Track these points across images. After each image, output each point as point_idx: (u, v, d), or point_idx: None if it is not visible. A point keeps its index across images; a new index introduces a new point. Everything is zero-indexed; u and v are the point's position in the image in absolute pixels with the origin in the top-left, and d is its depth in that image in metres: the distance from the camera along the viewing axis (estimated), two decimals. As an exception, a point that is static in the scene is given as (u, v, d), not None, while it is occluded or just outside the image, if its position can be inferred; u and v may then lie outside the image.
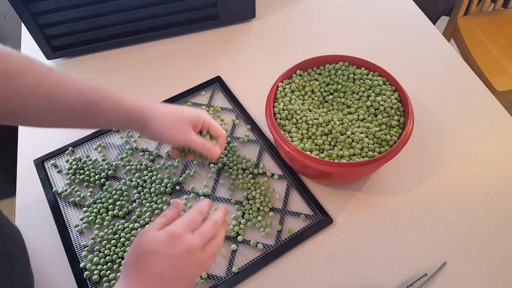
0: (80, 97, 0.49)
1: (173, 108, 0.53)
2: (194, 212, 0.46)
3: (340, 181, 0.62)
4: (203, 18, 0.84)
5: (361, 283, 0.54)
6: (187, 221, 0.45)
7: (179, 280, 0.43)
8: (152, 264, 0.42)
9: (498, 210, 0.60)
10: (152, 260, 0.42)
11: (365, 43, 0.83)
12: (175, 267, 0.42)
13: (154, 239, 0.43)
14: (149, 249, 0.42)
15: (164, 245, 0.42)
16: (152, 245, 0.42)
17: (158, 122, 0.52)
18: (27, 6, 0.72)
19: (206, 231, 0.46)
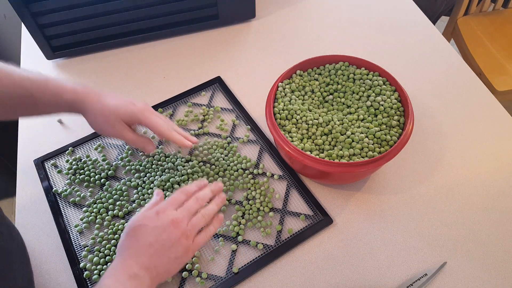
0: (18, 91, 0.51)
1: (108, 105, 0.55)
2: (178, 192, 0.51)
3: (340, 181, 0.62)
4: (203, 18, 0.84)
5: (361, 283, 0.54)
6: (171, 200, 0.50)
7: (169, 249, 0.46)
8: (141, 237, 0.46)
9: (498, 210, 0.60)
10: (140, 233, 0.47)
11: (365, 43, 0.83)
12: (163, 237, 0.46)
13: (142, 217, 0.48)
14: (138, 224, 0.47)
15: (151, 219, 0.47)
16: (140, 221, 0.48)
17: (91, 118, 0.56)
18: (27, 6, 0.72)
19: (189, 205, 0.50)
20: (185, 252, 0.48)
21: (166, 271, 0.47)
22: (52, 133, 0.72)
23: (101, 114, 0.55)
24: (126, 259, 0.46)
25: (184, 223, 0.49)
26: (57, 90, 0.53)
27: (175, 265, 0.48)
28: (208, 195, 0.53)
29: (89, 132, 0.70)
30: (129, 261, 0.45)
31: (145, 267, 0.45)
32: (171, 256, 0.47)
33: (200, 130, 0.70)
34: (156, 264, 0.46)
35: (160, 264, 0.46)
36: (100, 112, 0.55)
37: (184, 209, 0.50)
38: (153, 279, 0.46)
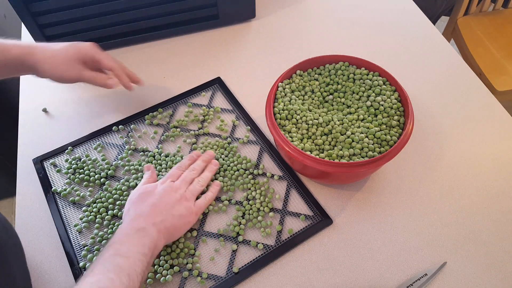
0: None
1: (60, 49, 0.57)
2: (173, 168, 0.59)
3: (340, 181, 0.62)
4: (203, 18, 0.84)
5: (361, 283, 0.54)
6: (168, 175, 0.58)
7: (172, 208, 0.53)
8: (146, 200, 0.53)
9: (498, 210, 0.60)
10: (144, 197, 0.53)
11: (365, 43, 0.83)
12: (165, 198, 0.53)
13: (143, 187, 0.55)
14: (141, 192, 0.54)
15: (152, 187, 0.55)
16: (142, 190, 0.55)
17: (45, 67, 0.57)
18: (27, 6, 0.72)
19: (184, 176, 0.58)
20: (187, 211, 0.54)
21: (173, 226, 0.52)
22: (52, 132, 0.72)
23: (54, 60, 0.57)
24: (132, 218, 0.50)
25: (182, 189, 0.55)
26: (3, 47, 0.55)
27: (181, 222, 0.53)
28: (201, 165, 0.60)
29: (89, 131, 0.70)
30: (136, 218, 0.50)
31: (151, 222, 0.50)
32: (175, 214, 0.52)
33: (200, 131, 0.70)
34: (162, 220, 0.51)
35: (165, 220, 0.51)
36: (52, 57, 0.57)
37: (181, 180, 0.57)
38: (160, 232, 0.50)
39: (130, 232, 0.48)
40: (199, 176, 0.59)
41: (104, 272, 0.43)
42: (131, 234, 0.48)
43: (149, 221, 0.50)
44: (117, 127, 0.71)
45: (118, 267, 0.43)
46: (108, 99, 0.76)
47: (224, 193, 0.63)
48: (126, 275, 0.43)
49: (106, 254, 0.45)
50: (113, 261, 0.44)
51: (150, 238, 0.48)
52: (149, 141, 0.69)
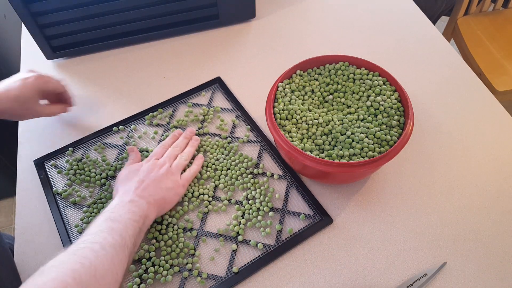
0: None
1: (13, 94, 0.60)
2: (157, 148, 0.63)
3: (340, 181, 0.62)
4: (203, 18, 0.84)
5: (361, 283, 0.54)
6: (152, 154, 0.62)
7: (159, 182, 0.55)
8: (132, 178, 0.56)
9: (498, 210, 0.60)
10: (131, 175, 0.56)
11: (365, 43, 0.83)
12: (151, 174, 0.56)
13: (129, 167, 0.58)
14: (127, 171, 0.57)
15: (138, 166, 0.58)
16: (130, 168, 0.58)
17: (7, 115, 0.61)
18: (27, 6, 0.72)
19: (168, 153, 0.61)
20: (175, 183, 0.57)
21: (162, 198, 0.55)
22: (52, 133, 0.72)
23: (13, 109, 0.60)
24: (122, 194, 0.53)
25: (167, 165, 0.58)
26: None
27: (169, 194, 0.56)
28: (183, 142, 0.64)
29: (89, 132, 0.70)
30: (125, 194, 0.53)
31: (140, 195, 0.52)
32: (163, 187, 0.55)
33: (200, 130, 0.70)
34: (151, 193, 0.53)
35: (154, 193, 0.54)
36: (11, 109, 0.60)
37: (165, 157, 0.60)
38: (150, 204, 0.52)
39: (121, 204, 0.51)
40: (182, 152, 0.62)
41: (97, 232, 0.46)
42: (122, 205, 0.50)
43: (138, 194, 0.52)
44: (117, 128, 0.71)
45: (111, 228, 0.46)
46: (108, 99, 0.76)
47: (224, 193, 0.63)
48: (119, 234, 0.46)
49: (99, 220, 0.48)
50: (106, 224, 0.47)
51: (140, 208, 0.51)
52: (149, 141, 0.69)
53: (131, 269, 0.55)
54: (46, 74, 0.65)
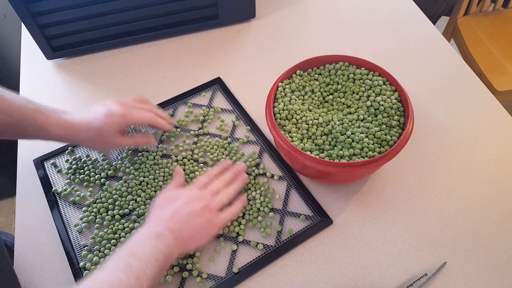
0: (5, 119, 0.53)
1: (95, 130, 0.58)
2: (202, 176, 0.58)
3: (340, 181, 0.62)
4: (203, 18, 0.84)
5: (361, 283, 0.54)
6: (195, 182, 0.57)
7: (193, 217, 0.51)
8: (168, 206, 0.52)
9: (498, 210, 0.60)
10: (167, 203, 0.52)
11: (365, 43, 0.83)
12: (187, 207, 0.52)
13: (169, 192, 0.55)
14: (165, 196, 0.54)
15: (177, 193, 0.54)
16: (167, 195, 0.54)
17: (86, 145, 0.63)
18: (27, 6, 0.72)
19: (212, 186, 0.56)
20: (209, 223, 0.52)
21: (191, 237, 0.50)
22: (52, 133, 0.72)
23: (93, 141, 0.59)
24: (152, 222, 0.50)
25: (207, 199, 0.54)
26: (44, 124, 0.56)
27: (200, 233, 0.51)
28: (230, 178, 0.59)
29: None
30: (156, 222, 0.50)
31: (170, 228, 0.49)
32: (195, 223, 0.51)
33: (200, 131, 0.70)
34: (181, 228, 0.50)
35: (185, 228, 0.50)
36: (91, 140, 0.59)
37: (207, 189, 0.56)
38: (178, 239, 0.49)
39: (147, 235, 0.48)
40: (226, 188, 0.57)
41: (114, 270, 0.44)
42: (148, 237, 0.48)
43: (168, 227, 0.49)
44: (117, 127, 0.71)
45: (129, 266, 0.44)
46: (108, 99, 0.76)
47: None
48: (135, 275, 0.43)
49: (121, 253, 0.46)
50: (126, 260, 0.44)
51: (166, 244, 0.47)
52: (149, 141, 0.69)
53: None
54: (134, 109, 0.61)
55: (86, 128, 0.58)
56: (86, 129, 0.58)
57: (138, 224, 0.59)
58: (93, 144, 0.61)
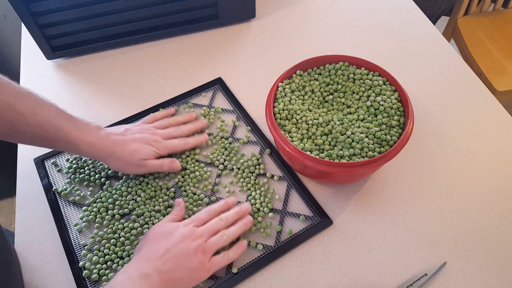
0: (39, 132, 0.54)
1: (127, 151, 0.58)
2: (202, 211, 0.55)
3: (340, 181, 0.62)
4: (203, 18, 0.84)
5: (361, 283, 0.54)
6: (194, 217, 0.54)
7: (185, 258, 0.49)
8: (160, 242, 0.49)
9: (498, 210, 0.60)
10: (160, 238, 0.50)
11: (365, 43, 0.83)
12: (180, 245, 0.49)
13: (164, 225, 0.52)
14: (159, 231, 0.51)
15: (172, 228, 0.51)
16: (161, 229, 0.52)
17: (116, 166, 0.60)
18: (27, 6, 0.72)
19: (210, 224, 0.53)
20: (200, 265, 0.49)
21: (179, 280, 0.48)
22: (52, 133, 0.72)
23: (124, 162, 0.59)
24: (141, 259, 0.48)
25: (203, 238, 0.51)
26: (75, 141, 0.56)
27: (190, 276, 0.49)
28: (232, 217, 0.55)
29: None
30: (144, 261, 0.48)
31: (158, 269, 0.47)
32: (185, 265, 0.48)
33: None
34: (170, 269, 0.47)
35: (173, 270, 0.48)
36: (121, 160, 0.59)
37: (205, 227, 0.52)
38: (164, 282, 0.47)
39: (133, 277, 0.46)
40: (226, 229, 0.54)
41: None
42: (133, 280, 0.46)
43: (156, 267, 0.47)
44: (117, 127, 0.71)
45: None
46: (108, 99, 0.76)
47: (224, 194, 0.63)
48: None
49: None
50: None
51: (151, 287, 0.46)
52: (149, 141, 0.69)
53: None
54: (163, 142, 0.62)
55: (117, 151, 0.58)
56: (117, 153, 0.58)
57: (137, 224, 0.59)
58: (121, 168, 0.60)
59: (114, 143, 0.58)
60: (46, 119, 0.53)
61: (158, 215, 0.60)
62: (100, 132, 0.58)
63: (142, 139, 0.60)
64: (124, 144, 0.59)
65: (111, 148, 0.58)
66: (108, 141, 0.58)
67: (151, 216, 0.60)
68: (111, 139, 0.58)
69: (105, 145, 0.58)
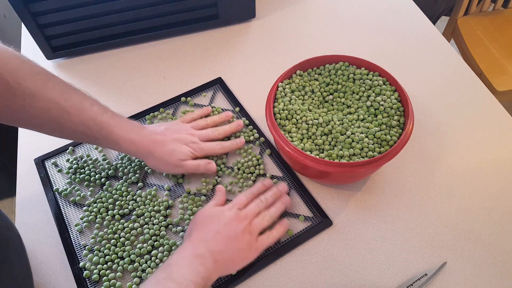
0: (83, 129, 0.55)
1: (166, 151, 0.59)
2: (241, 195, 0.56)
3: (340, 181, 0.62)
4: (203, 18, 0.84)
5: (361, 283, 0.54)
6: (235, 201, 0.55)
7: (234, 239, 0.50)
8: (210, 225, 0.51)
9: (498, 210, 0.60)
10: (210, 221, 0.51)
11: (365, 43, 0.83)
12: (228, 228, 0.50)
13: (210, 210, 0.53)
14: (207, 214, 0.52)
15: (218, 211, 0.53)
16: (209, 212, 0.53)
17: (154, 165, 0.61)
18: (27, 6, 0.72)
19: (251, 207, 0.54)
20: (248, 246, 0.51)
21: (230, 260, 0.50)
22: (52, 133, 0.72)
23: (163, 161, 0.60)
24: (194, 241, 0.49)
25: (247, 220, 0.52)
26: (119, 139, 0.57)
27: (240, 256, 0.51)
28: (271, 198, 0.57)
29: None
30: (196, 242, 0.49)
31: (210, 250, 0.48)
32: (236, 246, 0.50)
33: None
34: (221, 249, 0.49)
35: (224, 250, 0.49)
36: (162, 159, 0.59)
37: (247, 210, 0.54)
38: (217, 262, 0.48)
39: (188, 257, 0.47)
40: (267, 210, 0.55)
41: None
42: (188, 259, 0.47)
43: (209, 247, 0.48)
44: (117, 127, 0.71)
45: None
46: (108, 99, 0.76)
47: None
48: None
49: (160, 275, 0.45)
50: (164, 285, 0.44)
51: (206, 267, 0.47)
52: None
53: (130, 269, 0.55)
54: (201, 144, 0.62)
55: (157, 151, 0.59)
56: (157, 152, 0.59)
57: (137, 224, 0.59)
58: (159, 167, 0.61)
59: (154, 142, 0.59)
60: (90, 116, 0.55)
61: (158, 215, 0.60)
62: (142, 131, 0.59)
63: (181, 139, 0.60)
64: (164, 144, 0.59)
65: (151, 147, 0.59)
66: (148, 140, 0.59)
67: (151, 217, 0.60)
68: (151, 138, 0.59)
69: (145, 144, 0.58)
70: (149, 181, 0.64)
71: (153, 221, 0.59)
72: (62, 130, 0.55)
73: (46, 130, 0.56)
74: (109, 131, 0.56)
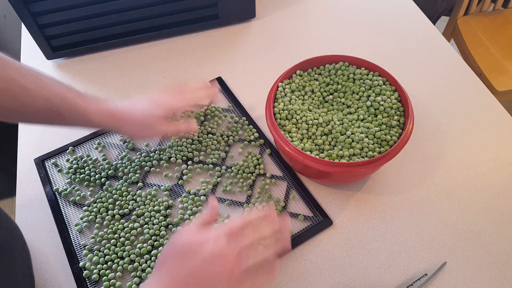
0: (45, 105, 0.51)
1: (141, 111, 0.57)
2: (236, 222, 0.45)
3: (340, 181, 0.62)
4: (203, 18, 0.84)
5: (361, 283, 0.54)
6: (226, 229, 0.44)
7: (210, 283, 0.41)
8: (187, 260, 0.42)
9: (498, 210, 0.60)
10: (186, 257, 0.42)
11: (365, 43, 0.83)
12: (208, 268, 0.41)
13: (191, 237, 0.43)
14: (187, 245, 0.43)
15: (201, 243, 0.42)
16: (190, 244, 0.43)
17: (130, 132, 0.59)
18: (27, 6, 0.72)
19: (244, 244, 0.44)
20: None
21: None
22: (53, 132, 0.72)
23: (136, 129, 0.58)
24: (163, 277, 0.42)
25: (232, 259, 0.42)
26: (86, 110, 0.54)
27: None
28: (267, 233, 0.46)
29: (90, 131, 0.70)
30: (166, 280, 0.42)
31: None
32: None
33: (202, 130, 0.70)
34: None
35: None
36: (133, 128, 0.58)
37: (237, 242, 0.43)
38: None
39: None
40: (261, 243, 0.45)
41: None
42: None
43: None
44: (117, 127, 0.71)
45: None
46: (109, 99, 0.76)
47: (224, 194, 0.63)
48: None
49: None
50: None
51: None
52: (149, 141, 0.69)
53: (130, 269, 0.55)
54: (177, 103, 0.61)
55: (129, 116, 0.57)
56: (129, 117, 0.57)
57: (137, 224, 0.59)
58: (136, 132, 0.59)
59: (124, 109, 0.58)
60: (52, 92, 0.52)
61: (158, 215, 0.60)
62: (111, 102, 0.58)
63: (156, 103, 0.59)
64: (137, 108, 0.58)
65: (124, 114, 0.57)
66: (120, 107, 0.57)
67: (151, 217, 0.60)
68: (123, 105, 0.58)
69: (117, 112, 0.57)
70: (149, 181, 0.64)
71: (153, 221, 0.59)
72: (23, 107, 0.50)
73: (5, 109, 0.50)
74: (74, 104, 0.53)
